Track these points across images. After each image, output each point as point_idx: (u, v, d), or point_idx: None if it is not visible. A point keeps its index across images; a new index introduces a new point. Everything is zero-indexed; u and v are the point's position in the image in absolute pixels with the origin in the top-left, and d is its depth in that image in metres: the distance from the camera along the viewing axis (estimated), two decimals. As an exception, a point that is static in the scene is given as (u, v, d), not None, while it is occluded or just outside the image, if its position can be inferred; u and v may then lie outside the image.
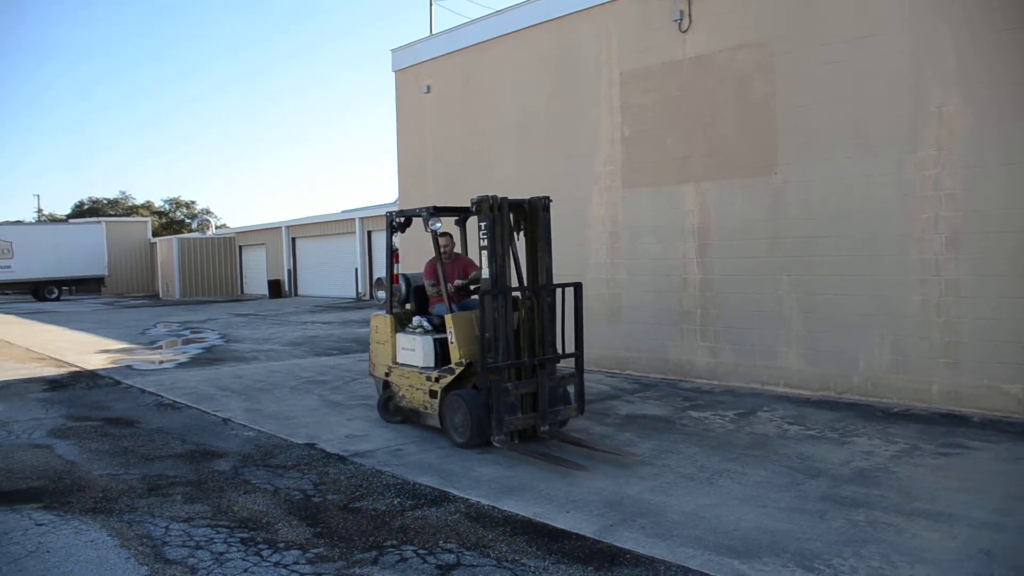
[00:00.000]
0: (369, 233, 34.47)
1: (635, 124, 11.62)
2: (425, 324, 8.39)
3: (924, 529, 5.26)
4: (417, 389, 8.30)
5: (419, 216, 8.37)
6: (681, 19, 10.84)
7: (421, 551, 5.02)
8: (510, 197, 7.78)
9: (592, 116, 12.20)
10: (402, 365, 8.53)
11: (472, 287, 8.49)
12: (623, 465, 6.91)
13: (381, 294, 9.17)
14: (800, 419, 8.53)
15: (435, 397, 7.98)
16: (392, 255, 9.00)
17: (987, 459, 6.90)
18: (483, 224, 7.51)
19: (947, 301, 8.72)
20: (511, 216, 7.83)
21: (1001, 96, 8.31)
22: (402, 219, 8.85)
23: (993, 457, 6.95)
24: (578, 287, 7.82)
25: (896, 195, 9.05)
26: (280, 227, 41.05)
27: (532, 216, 7.93)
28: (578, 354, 7.75)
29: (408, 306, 9.13)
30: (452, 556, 4.93)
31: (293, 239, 40.56)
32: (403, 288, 9.17)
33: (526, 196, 8.01)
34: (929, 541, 5.06)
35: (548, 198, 7.92)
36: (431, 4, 20.21)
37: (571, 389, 7.91)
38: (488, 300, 7.32)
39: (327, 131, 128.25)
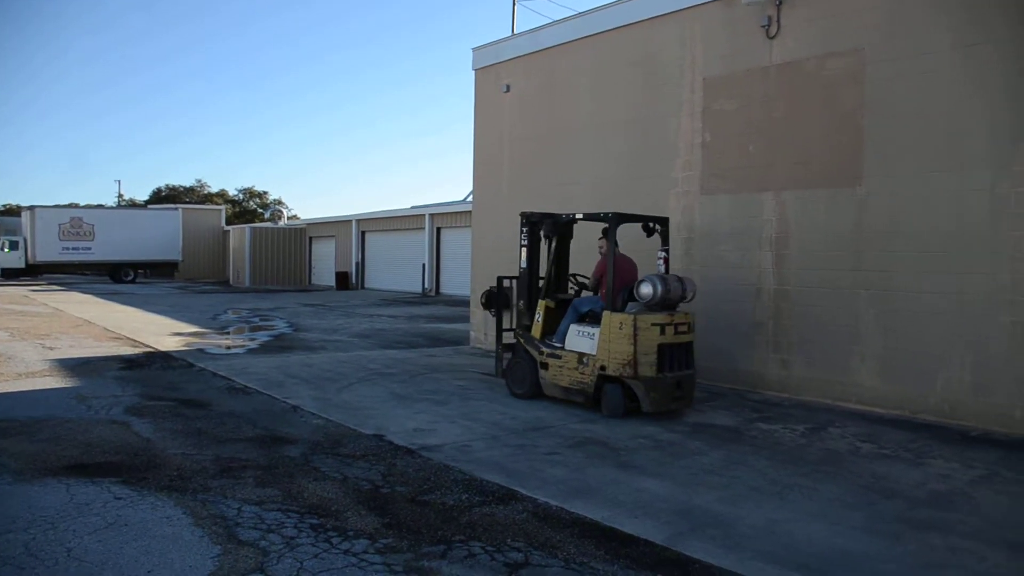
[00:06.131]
0: (438, 230, 34.72)
1: (716, 130, 11.47)
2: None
3: (1005, 558, 5.08)
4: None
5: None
6: (769, 25, 10.66)
7: (489, 548, 5.02)
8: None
9: (672, 121, 12.07)
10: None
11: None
12: (692, 472, 6.82)
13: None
14: (873, 437, 8.32)
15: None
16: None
17: (1073, 490, 6.64)
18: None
19: (1035, 324, 8.42)
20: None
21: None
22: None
23: (1079, 488, 6.69)
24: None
25: (987, 212, 8.77)
26: (350, 220, 41.63)
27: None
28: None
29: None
30: (520, 555, 4.91)
31: (363, 232, 41.09)
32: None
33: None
34: (1011, 571, 4.88)
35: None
36: (514, 3, 20.25)
37: None
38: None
39: (401, 128, 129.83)
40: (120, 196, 74.58)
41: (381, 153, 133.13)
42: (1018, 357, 8.55)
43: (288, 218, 56.81)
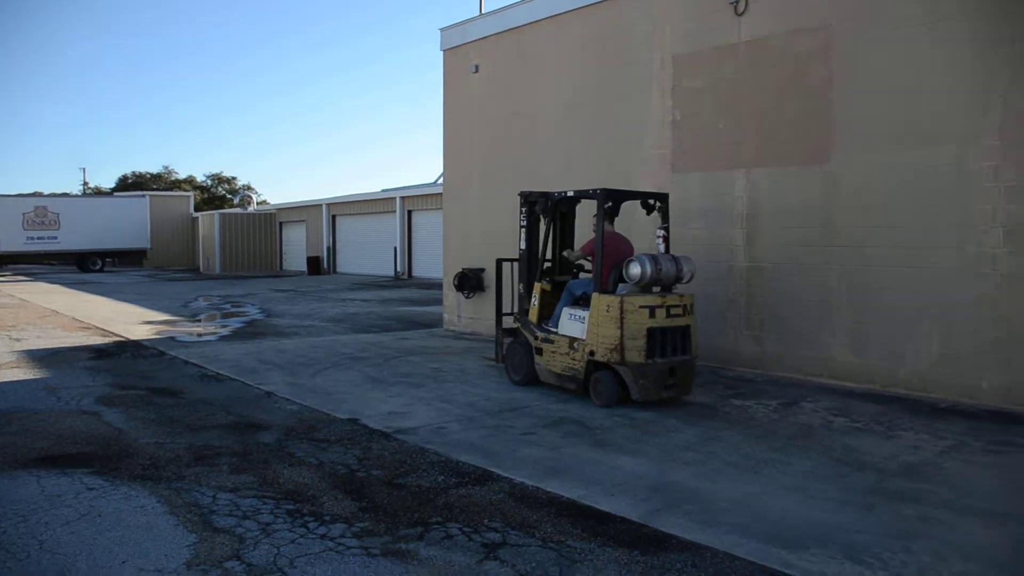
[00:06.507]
0: (409, 212, 34.58)
1: (686, 108, 11.48)
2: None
3: (976, 527, 5.15)
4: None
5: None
6: (737, 2, 10.66)
7: (466, 529, 5.02)
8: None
9: (642, 99, 12.07)
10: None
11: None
12: (667, 449, 6.86)
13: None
14: (845, 411, 8.41)
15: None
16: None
17: (1039, 458, 6.76)
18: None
19: (1002, 296, 8.53)
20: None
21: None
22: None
23: (1045, 456, 6.81)
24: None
25: (954, 186, 8.86)
26: (321, 204, 41.37)
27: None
28: None
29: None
30: (497, 535, 4.92)
31: (333, 216, 40.84)
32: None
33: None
34: (982, 539, 4.95)
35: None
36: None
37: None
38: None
39: (369, 110, 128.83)
40: (85, 184, 73.65)
41: (350, 132, 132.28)
42: (985, 330, 8.67)
43: (258, 203, 56.27)
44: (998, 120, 8.52)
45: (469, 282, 15.09)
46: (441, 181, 19.90)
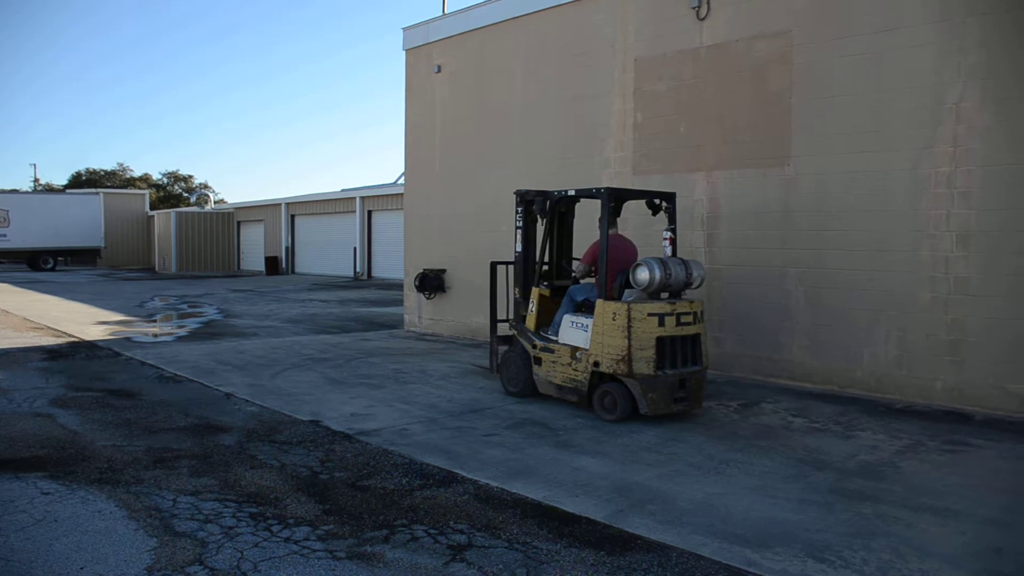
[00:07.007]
0: (369, 213, 34.39)
1: (648, 111, 11.56)
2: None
3: (932, 524, 5.25)
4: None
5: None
6: (699, 6, 10.76)
7: (432, 531, 5.00)
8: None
9: (604, 102, 12.13)
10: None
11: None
12: (630, 451, 6.90)
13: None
14: (804, 412, 8.53)
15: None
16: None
17: (991, 457, 6.92)
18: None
19: (955, 299, 8.72)
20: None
21: (1020, 93, 8.28)
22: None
23: (996, 455, 6.97)
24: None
25: (909, 191, 9.03)
26: (280, 203, 40.97)
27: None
28: None
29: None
30: (463, 537, 4.91)
31: (292, 216, 40.47)
32: None
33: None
34: (938, 536, 5.06)
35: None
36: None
37: None
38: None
39: (328, 111, 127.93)
40: (36, 181, 72.02)
41: (309, 136, 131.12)
42: (938, 332, 8.85)
43: (215, 202, 55.58)
44: (951, 128, 8.70)
45: (431, 283, 15.04)
46: (401, 181, 19.83)
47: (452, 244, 14.81)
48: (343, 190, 37.50)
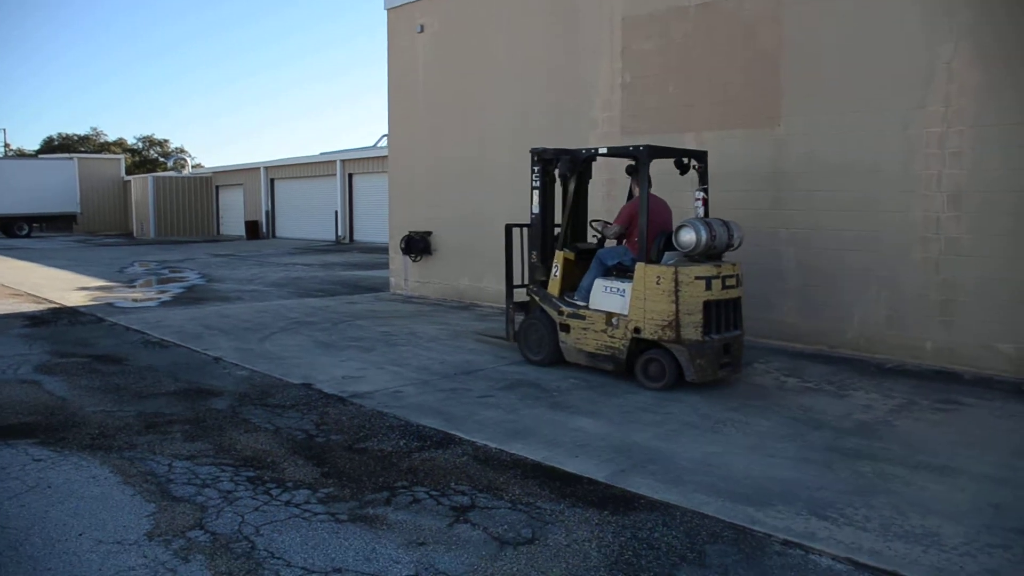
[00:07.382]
0: (350, 176, 34.06)
1: (636, 71, 11.42)
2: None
3: (931, 482, 5.28)
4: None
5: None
6: (689, -37, 10.60)
7: (434, 492, 4.96)
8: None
9: (592, 61, 11.97)
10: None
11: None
12: (626, 411, 6.89)
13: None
14: (796, 372, 8.55)
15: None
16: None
17: (983, 415, 6.96)
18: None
19: (946, 259, 8.72)
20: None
21: (1013, 52, 8.22)
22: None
23: (988, 413, 7.01)
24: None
25: (901, 151, 8.99)
26: (259, 168, 40.50)
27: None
28: None
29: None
30: (466, 498, 4.88)
31: (272, 180, 40.04)
32: None
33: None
34: (937, 493, 5.08)
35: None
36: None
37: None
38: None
39: (307, 71, 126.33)
40: (7, 146, 70.72)
41: (288, 98, 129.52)
42: (929, 292, 8.87)
43: (192, 167, 54.88)
44: (943, 88, 8.64)
45: (416, 245, 14.93)
46: (382, 144, 19.59)
47: (437, 207, 14.66)
48: (323, 153, 37.07)
